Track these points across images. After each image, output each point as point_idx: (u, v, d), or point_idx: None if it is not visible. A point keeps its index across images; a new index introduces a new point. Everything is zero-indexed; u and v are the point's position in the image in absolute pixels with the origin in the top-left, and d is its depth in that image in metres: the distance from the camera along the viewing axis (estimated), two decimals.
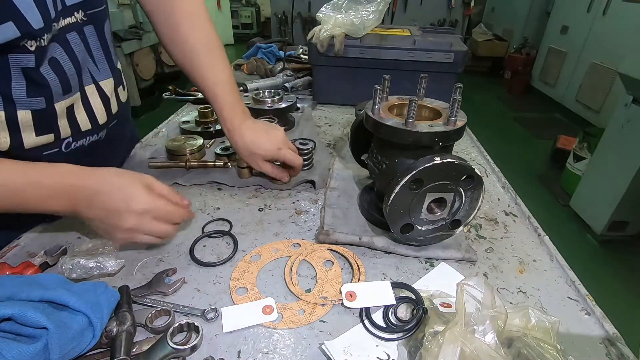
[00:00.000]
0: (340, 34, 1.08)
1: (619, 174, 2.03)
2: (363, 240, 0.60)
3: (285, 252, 0.59)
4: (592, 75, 3.54)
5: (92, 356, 0.42)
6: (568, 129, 3.45)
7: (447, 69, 1.08)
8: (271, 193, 0.75)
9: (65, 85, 0.57)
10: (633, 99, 1.98)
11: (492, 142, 3.06)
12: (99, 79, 0.65)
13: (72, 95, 0.59)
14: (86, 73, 0.62)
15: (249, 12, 7.05)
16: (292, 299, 0.51)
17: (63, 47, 0.56)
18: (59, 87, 0.56)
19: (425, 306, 0.48)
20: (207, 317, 0.47)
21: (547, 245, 0.63)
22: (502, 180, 0.84)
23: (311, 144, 0.80)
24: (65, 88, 0.57)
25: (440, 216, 0.57)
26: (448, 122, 0.54)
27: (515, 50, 4.83)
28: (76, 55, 0.58)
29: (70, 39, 0.57)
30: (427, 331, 0.41)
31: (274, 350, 0.44)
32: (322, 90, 1.22)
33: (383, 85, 0.60)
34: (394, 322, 0.48)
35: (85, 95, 0.62)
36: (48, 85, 0.54)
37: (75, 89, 0.60)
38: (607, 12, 3.41)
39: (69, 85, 0.58)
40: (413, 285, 0.53)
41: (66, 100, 0.58)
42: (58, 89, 0.56)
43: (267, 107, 0.95)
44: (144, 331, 0.46)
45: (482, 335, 0.37)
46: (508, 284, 0.56)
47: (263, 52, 1.57)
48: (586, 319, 0.51)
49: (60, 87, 0.56)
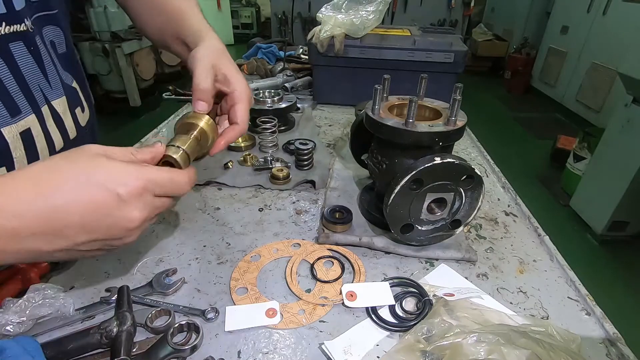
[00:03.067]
0: (340, 34, 1.08)
1: (619, 174, 2.03)
2: (363, 241, 0.60)
3: (285, 252, 0.59)
4: (592, 75, 3.54)
5: (92, 356, 0.42)
6: (568, 129, 3.46)
7: (447, 69, 1.08)
8: (271, 193, 0.75)
9: (13, 108, 0.47)
10: (633, 99, 1.98)
11: (492, 142, 3.07)
12: (51, 98, 0.54)
13: (24, 117, 0.49)
14: (37, 91, 0.51)
15: (249, 12, 7.05)
16: (292, 299, 0.51)
17: (4, 59, 0.46)
18: (5, 112, 0.46)
19: (430, 298, 0.49)
20: (207, 317, 0.47)
21: (547, 245, 0.63)
22: (502, 180, 0.84)
23: (311, 144, 0.80)
24: (11, 109, 0.47)
25: (440, 216, 0.57)
26: (448, 122, 0.54)
27: (515, 50, 4.83)
28: (20, 70, 0.48)
29: (14, 50, 0.47)
30: (435, 321, 0.43)
31: (274, 350, 0.44)
32: (322, 90, 1.22)
33: (383, 85, 0.60)
34: (401, 315, 0.49)
35: (42, 118, 0.52)
36: None
37: (27, 110, 0.49)
38: (607, 12, 3.41)
39: (16, 107, 0.48)
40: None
41: (17, 124, 0.48)
42: (3, 115, 0.46)
43: (267, 107, 0.95)
44: (144, 331, 0.45)
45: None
46: (508, 284, 0.56)
47: (263, 52, 1.57)
48: (586, 319, 0.51)
49: (4, 107, 0.46)
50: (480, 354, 0.37)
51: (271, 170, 0.78)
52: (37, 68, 0.51)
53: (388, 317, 0.48)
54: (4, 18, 0.45)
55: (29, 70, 0.49)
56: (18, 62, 0.48)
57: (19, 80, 0.48)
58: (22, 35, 0.48)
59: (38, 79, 0.51)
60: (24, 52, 0.48)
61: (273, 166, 0.79)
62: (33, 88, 0.50)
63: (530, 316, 0.50)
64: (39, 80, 0.52)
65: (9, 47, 0.46)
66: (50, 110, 0.53)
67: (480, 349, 0.37)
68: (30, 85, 0.50)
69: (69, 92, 0.58)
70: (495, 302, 0.52)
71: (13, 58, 0.47)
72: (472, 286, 0.54)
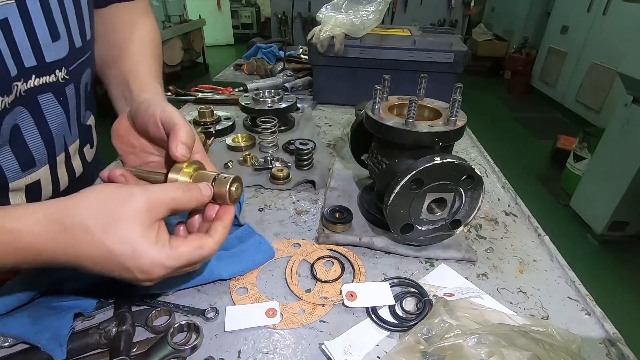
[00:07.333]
0: (340, 34, 1.08)
1: (619, 174, 2.03)
2: (363, 241, 0.60)
3: (285, 252, 0.59)
4: (592, 75, 3.54)
5: (91, 356, 0.42)
6: (568, 129, 3.45)
7: (447, 69, 1.08)
8: (271, 193, 0.75)
9: (27, 162, 0.45)
10: (633, 99, 1.98)
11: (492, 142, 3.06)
12: (69, 143, 0.52)
13: (36, 170, 0.47)
14: (60, 140, 0.49)
15: (249, 12, 7.05)
16: (292, 299, 0.51)
17: (30, 112, 0.43)
18: (17, 167, 0.44)
19: (430, 298, 0.49)
20: (207, 317, 0.47)
21: (547, 245, 0.63)
22: (502, 180, 0.84)
23: (311, 144, 0.80)
24: (26, 165, 0.45)
25: (440, 216, 0.57)
26: (448, 122, 0.54)
27: (515, 50, 4.82)
28: (47, 123, 0.46)
29: (42, 102, 0.45)
30: (435, 321, 0.43)
31: (274, 351, 0.44)
32: (322, 90, 1.22)
33: (383, 85, 0.60)
34: (401, 315, 0.49)
35: (54, 166, 0.49)
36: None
37: (42, 162, 0.47)
38: (607, 12, 3.41)
39: (32, 161, 0.45)
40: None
41: (27, 178, 0.46)
42: (14, 170, 0.44)
43: (267, 107, 0.95)
44: (144, 331, 0.45)
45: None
46: (508, 284, 0.56)
47: (263, 52, 1.57)
48: (586, 319, 0.51)
49: (19, 166, 0.44)
50: (481, 355, 0.37)
51: (271, 170, 0.78)
52: (65, 118, 0.49)
53: (388, 317, 0.48)
54: (33, 71, 0.43)
55: (56, 122, 0.48)
56: (46, 114, 0.46)
57: (43, 134, 0.46)
58: (52, 87, 0.46)
59: (63, 129, 0.50)
60: (53, 104, 0.46)
61: (273, 166, 0.79)
62: (57, 139, 0.49)
63: (530, 316, 0.50)
64: (63, 130, 0.50)
65: (37, 100, 0.45)
66: (65, 156, 0.52)
67: (481, 350, 0.37)
68: (55, 137, 0.48)
69: (82, 133, 0.57)
70: (495, 302, 0.52)
71: (41, 110, 0.45)
72: (472, 286, 0.54)
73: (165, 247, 0.34)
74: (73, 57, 0.47)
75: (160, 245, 0.34)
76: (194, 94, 1.23)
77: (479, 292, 0.52)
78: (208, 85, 1.32)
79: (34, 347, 0.40)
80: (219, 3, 6.43)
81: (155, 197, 0.34)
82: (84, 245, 0.32)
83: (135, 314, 0.46)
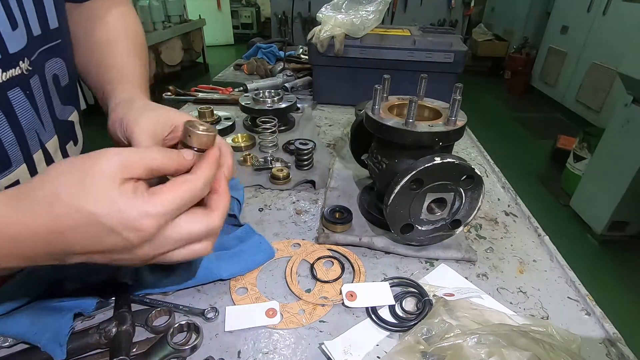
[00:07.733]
0: (340, 34, 1.08)
1: (619, 174, 2.03)
2: (363, 241, 0.60)
3: (285, 252, 0.59)
4: (592, 75, 3.54)
5: (91, 356, 0.42)
6: (568, 129, 3.45)
7: (447, 69, 1.08)
8: (271, 193, 0.75)
9: (3, 162, 0.43)
10: (633, 99, 1.98)
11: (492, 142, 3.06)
12: (45, 140, 0.50)
13: (14, 170, 0.44)
14: (33, 137, 0.47)
15: (249, 12, 7.05)
16: (292, 299, 0.51)
17: (3, 111, 0.42)
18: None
19: (430, 298, 0.49)
20: (207, 317, 0.47)
21: (547, 245, 0.63)
22: (502, 180, 0.84)
23: (311, 144, 0.80)
24: (2, 165, 0.43)
25: (440, 216, 0.57)
26: (448, 122, 0.54)
27: (515, 50, 4.83)
28: (19, 120, 0.44)
29: (12, 98, 0.43)
30: (435, 321, 0.43)
31: (274, 351, 0.44)
32: (322, 90, 1.22)
33: (383, 85, 0.60)
34: (401, 315, 0.49)
35: (33, 166, 0.47)
36: None
37: (19, 162, 0.45)
38: (607, 12, 3.41)
39: (7, 161, 0.44)
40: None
41: (5, 179, 0.44)
42: None
43: (267, 107, 0.95)
44: (144, 331, 0.45)
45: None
46: (508, 284, 0.56)
47: (263, 52, 1.57)
48: (586, 319, 0.51)
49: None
50: (481, 355, 0.37)
51: (271, 170, 0.78)
52: (34, 113, 0.47)
53: (388, 317, 0.48)
54: (0, 65, 0.40)
55: (26, 117, 0.46)
56: (17, 111, 0.44)
57: (16, 131, 0.44)
58: (19, 80, 0.43)
59: (34, 124, 0.47)
60: (21, 99, 0.44)
61: (273, 166, 0.79)
62: (29, 135, 0.47)
63: (530, 316, 0.50)
64: (35, 125, 0.48)
65: (7, 96, 0.42)
66: (43, 154, 0.50)
67: (481, 350, 0.37)
68: (26, 133, 0.46)
69: (60, 129, 0.54)
70: (495, 302, 0.52)
71: (12, 107, 0.43)
72: (472, 286, 0.54)
73: (145, 195, 0.32)
74: (32, 47, 0.45)
75: (140, 195, 0.32)
76: (194, 94, 1.23)
77: (479, 292, 0.52)
78: (208, 85, 1.32)
79: (34, 347, 0.40)
80: (219, 3, 6.43)
81: (130, 154, 0.33)
82: (63, 217, 0.30)
83: (135, 314, 0.45)
